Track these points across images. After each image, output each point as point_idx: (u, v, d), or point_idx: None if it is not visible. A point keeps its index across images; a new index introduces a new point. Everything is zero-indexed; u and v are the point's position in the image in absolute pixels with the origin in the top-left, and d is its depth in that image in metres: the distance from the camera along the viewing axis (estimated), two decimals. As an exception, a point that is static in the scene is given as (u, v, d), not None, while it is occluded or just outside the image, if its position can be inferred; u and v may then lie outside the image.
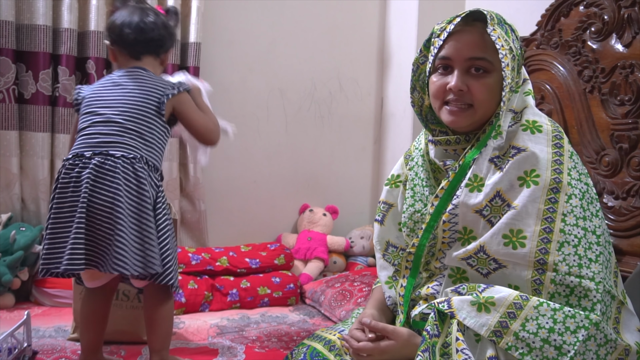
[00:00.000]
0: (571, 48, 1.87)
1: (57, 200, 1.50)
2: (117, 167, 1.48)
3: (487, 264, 1.09)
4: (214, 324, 2.10)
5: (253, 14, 2.79)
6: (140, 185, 1.50)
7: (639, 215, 1.62)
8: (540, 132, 1.12)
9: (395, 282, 1.28)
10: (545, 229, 1.05)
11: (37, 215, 2.37)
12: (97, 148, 1.51)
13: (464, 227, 1.14)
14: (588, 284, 1.02)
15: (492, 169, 1.11)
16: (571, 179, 1.08)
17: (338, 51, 3.01)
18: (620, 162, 1.69)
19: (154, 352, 1.60)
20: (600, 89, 1.76)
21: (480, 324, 1.03)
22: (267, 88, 2.86)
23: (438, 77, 1.17)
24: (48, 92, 2.34)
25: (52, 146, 2.38)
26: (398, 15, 2.98)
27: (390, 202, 1.35)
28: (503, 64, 1.10)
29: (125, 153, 1.51)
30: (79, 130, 1.57)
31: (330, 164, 3.06)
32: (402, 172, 1.36)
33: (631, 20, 1.69)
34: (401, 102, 2.94)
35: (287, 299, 2.43)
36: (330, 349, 1.21)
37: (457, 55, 1.14)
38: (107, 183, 1.47)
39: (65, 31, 2.33)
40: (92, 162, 1.48)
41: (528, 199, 1.07)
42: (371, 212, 3.16)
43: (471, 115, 1.15)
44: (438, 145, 1.22)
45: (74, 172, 1.49)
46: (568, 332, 0.98)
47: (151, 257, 1.48)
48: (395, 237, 1.33)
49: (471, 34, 1.14)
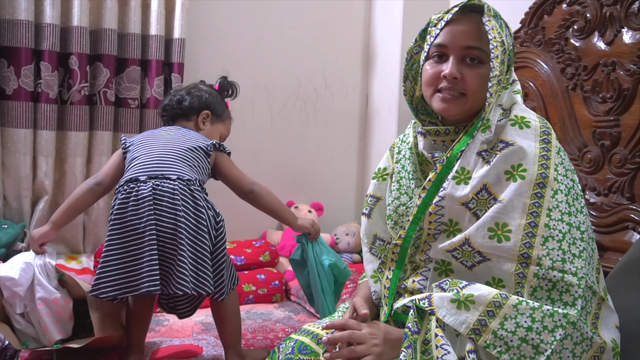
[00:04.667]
0: (554, 46, 1.88)
1: (117, 225, 1.53)
2: (176, 189, 1.55)
3: (472, 257, 1.10)
4: (199, 321, 2.09)
5: (238, 10, 2.78)
6: (197, 207, 1.57)
7: (621, 211, 1.64)
8: (529, 127, 1.13)
9: (380, 274, 1.28)
10: (530, 223, 1.06)
11: (20, 213, 2.34)
12: (152, 172, 1.58)
13: (449, 219, 1.15)
14: (570, 279, 1.03)
15: (480, 162, 1.12)
16: (558, 174, 1.09)
17: (323, 48, 3.01)
18: (602, 158, 1.71)
19: (229, 347, 1.70)
20: (582, 86, 1.78)
21: (460, 321, 1.03)
22: (252, 84, 2.85)
23: (432, 65, 1.18)
24: (30, 88, 2.31)
25: (34, 143, 2.35)
26: (383, 12, 2.99)
27: (378, 195, 1.35)
28: (492, 55, 1.11)
29: (180, 175, 1.59)
30: (131, 160, 1.66)
31: (315, 160, 3.06)
32: (388, 164, 1.36)
33: (613, 19, 1.71)
34: (386, 99, 2.94)
35: (272, 295, 2.43)
36: (318, 342, 1.22)
37: (453, 42, 1.15)
38: (168, 205, 1.53)
39: (47, 26, 2.30)
40: (148, 185, 1.54)
41: (514, 193, 1.07)
42: (356, 209, 3.17)
43: (462, 104, 1.15)
44: (427, 136, 1.22)
45: (132, 196, 1.54)
46: (546, 331, 0.99)
47: (203, 278, 1.53)
48: (382, 231, 1.34)
49: (468, 23, 1.15)
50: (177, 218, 1.52)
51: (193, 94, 1.88)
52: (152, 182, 1.55)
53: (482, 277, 1.09)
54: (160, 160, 1.62)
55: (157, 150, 1.66)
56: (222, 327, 1.71)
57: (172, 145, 1.67)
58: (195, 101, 1.87)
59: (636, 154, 1.62)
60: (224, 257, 1.62)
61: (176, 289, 1.49)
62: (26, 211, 2.34)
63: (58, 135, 2.41)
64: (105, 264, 1.50)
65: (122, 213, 1.53)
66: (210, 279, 1.55)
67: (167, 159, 1.63)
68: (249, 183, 1.77)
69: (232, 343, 1.70)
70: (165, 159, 1.63)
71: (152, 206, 1.52)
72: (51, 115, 2.35)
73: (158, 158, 1.63)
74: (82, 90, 2.38)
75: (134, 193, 1.54)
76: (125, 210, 1.53)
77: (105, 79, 2.42)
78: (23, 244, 2.23)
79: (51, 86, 2.33)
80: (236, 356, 1.69)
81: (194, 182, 1.60)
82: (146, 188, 1.54)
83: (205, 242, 1.56)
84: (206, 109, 1.88)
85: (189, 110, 1.86)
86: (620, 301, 1.17)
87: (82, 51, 2.36)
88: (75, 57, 2.36)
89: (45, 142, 2.34)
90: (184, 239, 1.51)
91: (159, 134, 1.74)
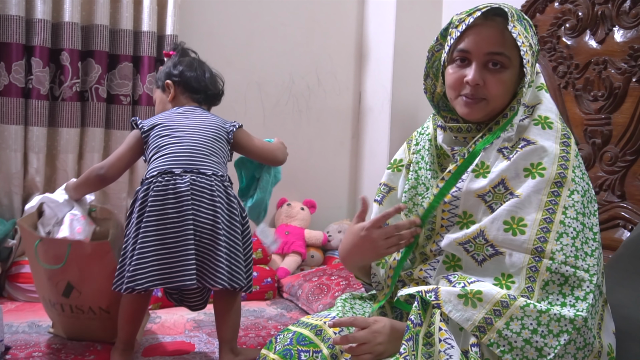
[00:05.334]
0: (546, 44, 1.89)
1: (154, 217, 1.54)
2: (213, 185, 1.59)
3: (484, 250, 1.10)
4: (191, 318, 2.09)
5: (231, 7, 2.78)
6: (231, 203, 1.63)
7: (612, 209, 1.65)
8: (551, 128, 1.14)
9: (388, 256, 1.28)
10: (545, 219, 1.07)
11: (10, 209, 2.33)
12: (187, 166, 1.60)
13: (464, 211, 1.15)
14: (583, 274, 1.04)
15: (500, 158, 1.13)
16: (575, 176, 1.10)
17: (316, 45, 3.00)
18: (594, 156, 1.72)
19: (225, 342, 1.69)
20: (574, 84, 1.79)
21: (465, 318, 1.04)
22: (245, 82, 2.84)
23: (455, 69, 1.18)
24: (21, 84, 2.30)
25: (25, 139, 2.34)
26: (376, 9, 2.99)
27: (391, 185, 1.36)
28: (524, 61, 1.11)
29: (215, 171, 1.63)
30: (159, 149, 1.65)
31: (308, 158, 3.05)
32: (404, 156, 1.36)
33: (605, 17, 1.72)
34: (379, 97, 2.95)
35: (265, 293, 2.42)
36: (317, 334, 1.21)
37: (476, 49, 1.14)
38: (207, 201, 1.57)
39: (38, 22, 2.29)
40: (185, 179, 1.57)
41: (532, 189, 1.08)
42: (349, 207, 3.17)
43: (484, 108, 1.16)
44: (448, 131, 1.23)
45: (170, 189, 1.56)
46: (551, 335, 1.00)
47: (237, 272, 1.59)
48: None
49: (491, 29, 1.14)
50: (216, 214, 1.57)
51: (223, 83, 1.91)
52: (189, 176, 1.58)
53: (491, 273, 1.10)
54: (192, 153, 1.63)
55: (186, 141, 1.66)
56: (224, 320, 1.70)
57: (199, 136, 1.67)
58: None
59: (627, 152, 1.63)
60: (252, 251, 1.69)
61: (215, 283, 1.54)
62: (17, 208, 2.33)
63: (49, 132, 2.39)
64: (142, 255, 1.52)
65: (160, 206, 1.55)
66: (243, 272, 1.61)
67: (198, 151, 1.64)
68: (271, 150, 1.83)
69: (229, 338, 1.70)
70: (197, 151, 1.64)
71: (190, 201, 1.55)
72: (42, 112, 2.33)
73: (190, 150, 1.64)
74: (73, 87, 2.37)
75: (171, 186, 1.56)
76: (164, 204, 1.55)
77: (97, 76, 2.41)
78: (14, 241, 2.22)
79: (42, 82, 2.32)
80: (230, 352, 1.69)
81: (226, 179, 1.67)
82: (183, 182, 1.57)
83: (238, 237, 1.62)
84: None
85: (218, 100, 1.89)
86: (610, 298, 1.17)
87: (74, 47, 2.35)
88: (66, 53, 2.35)
89: (37, 138, 2.33)
90: (221, 235, 1.56)
91: (181, 121, 1.72)
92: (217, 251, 1.55)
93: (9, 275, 2.22)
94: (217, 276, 1.55)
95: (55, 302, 1.73)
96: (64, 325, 1.80)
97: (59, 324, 1.82)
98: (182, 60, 1.84)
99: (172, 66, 1.82)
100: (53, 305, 1.74)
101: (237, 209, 1.64)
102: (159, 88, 1.84)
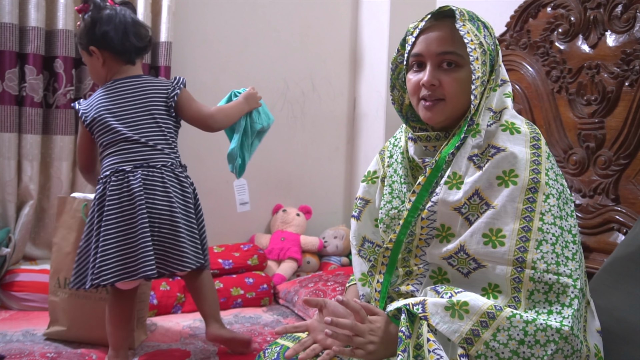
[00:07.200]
0: (539, 49, 1.90)
1: (113, 215, 1.60)
2: (164, 177, 1.64)
3: (467, 264, 1.10)
4: (187, 325, 2.08)
5: (225, 13, 2.78)
6: (184, 188, 1.69)
7: (606, 212, 1.65)
8: (519, 132, 1.14)
9: (371, 277, 1.29)
10: (523, 227, 1.06)
11: (4, 217, 2.32)
12: (136, 162, 1.64)
13: (441, 224, 1.15)
14: (566, 280, 1.04)
15: (472, 167, 1.13)
16: (549, 179, 1.10)
17: (310, 51, 3.01)
18: (587, 160, 1.73)
19: (209, 316, 1.75)
20: (567, 89, 1.80)
21: (453, 330, 1.04)
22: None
23: (413, 74, 1.20)
24: (15, 92, 2.29)
25: (19, 147, 2.33)
26: (370, 15, 2.99)
27: (367, 198, 1.36)
28: (472, 58, 1.12)
29: (164, 162, 1.66)
30: (106, 146, 1.68)
31: (303, 164, 3.05)
32: (378, 168, 1.37)
33: (597, 22, 1.73)
34: (374, 102, 2.95)
35: (261, 299, 2.42)
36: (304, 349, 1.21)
37: (428, 50, 1.16)
38: (161, 193, 1.63)
39: (32, 29, 2.29)
40: (136, 174, 1.62)
41: (507, 198, 1.08)
42: (344, 212, 3.17)
43: (443, 109, 1.16)
44: (418, 142, 1.24)
45: (124, 188, 1.61)
46: (538, 345, 1.00)
47: (199, 251, 1.68)
48: (371, 233, 1.34)
49: (440, 30, 1.16)
50: (171, 204, 1.63)
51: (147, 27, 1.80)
52: (140, 171, 1.62)
53: (478, 284, 1.10)
54: (139, 148, 1.66)
55: (130, 134, 1.66)
56: (202, 298, 1.76)
57: (143, 123, 1.68)
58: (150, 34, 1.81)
59: (620, 155, 1.64)
60: (204, 227, 1.76)
61: (183, 267, 1.62)
62: (11, 216, 2.32)
63: (43, 139, 2.39)
64: (105, 251, 1.57)
65: (117, 203, 1.60)
66: (200, 250, 1.69)
67: (144, 144, 1.66)
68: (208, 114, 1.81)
69: (212, 312, 1.75)
70: (143, 144, 1.66)
71: (143, 196, 1.60)
72: (36, 119, 2.33)
73: (136, 145, 1.66)
74: (67, 94, 2.36)
75: (125, 184, 1.61)
76: (120, 200, 1.60)
77: (90, 83, 2.41)
78: (8, 249, 2.21)
79: (36, 90, 2.31)
80: (217, 323, 1.75)
81: (177, 165, 1.70)
82: (135, 179, 1.61)
83: (193, 218, 1.69)
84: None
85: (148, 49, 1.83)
86: (604, 301, 1.18)
87: (68, 54, 2.35)
88: (60, 60, 2.34)
89: (30, 146, 2.32)
90: (180, 222, 1.63)
91: (121, 107, 1.68)
92: (179, 238, 1.62)
93: (3, 283, 2.21)
94: (184, 261, 1.62)
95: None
96: (69, 312, 1.82)
97: (63, 312, 1.83)
98: (101, 18, 1.69)
99: (92, 26, 1.69)
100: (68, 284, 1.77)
101: (189, 190, 1.71)
102: (85, 51, 1.74)
